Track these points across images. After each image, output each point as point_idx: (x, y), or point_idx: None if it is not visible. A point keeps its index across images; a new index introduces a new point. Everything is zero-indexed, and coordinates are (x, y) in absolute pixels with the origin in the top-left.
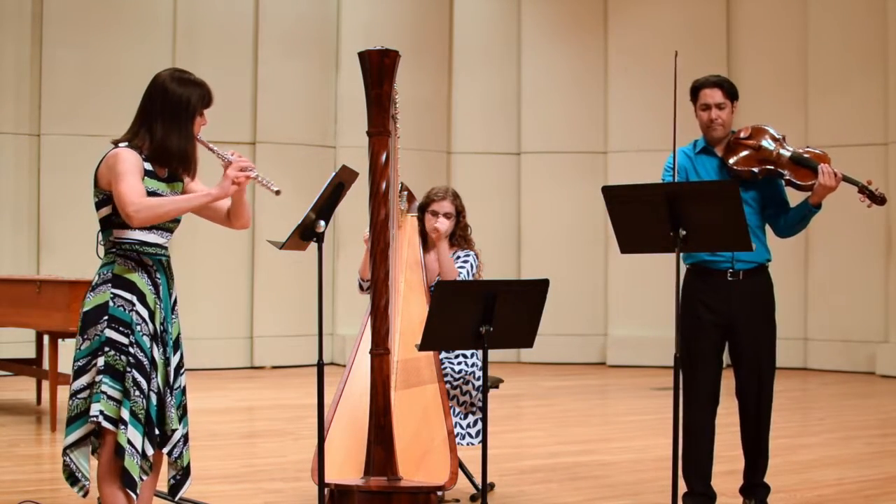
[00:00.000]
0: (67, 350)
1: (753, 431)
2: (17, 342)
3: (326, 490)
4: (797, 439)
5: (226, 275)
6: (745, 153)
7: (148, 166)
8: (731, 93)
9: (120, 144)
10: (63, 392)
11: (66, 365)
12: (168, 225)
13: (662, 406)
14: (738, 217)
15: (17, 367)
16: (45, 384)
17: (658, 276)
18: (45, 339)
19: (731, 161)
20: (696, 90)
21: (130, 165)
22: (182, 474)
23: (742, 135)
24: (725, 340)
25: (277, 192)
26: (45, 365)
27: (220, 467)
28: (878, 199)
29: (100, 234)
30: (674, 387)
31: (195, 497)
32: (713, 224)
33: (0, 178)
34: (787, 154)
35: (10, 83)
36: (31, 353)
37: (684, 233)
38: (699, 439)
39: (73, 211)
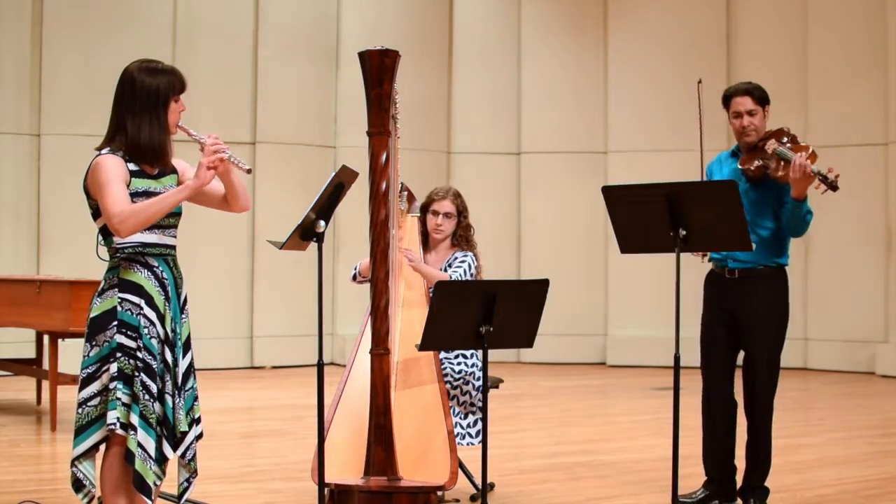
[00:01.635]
0: (67, 350)
1: (749, 432)
2: (17, 342)
3: (326, 490)
4: (797, 439)
5: (226, 275)
6: (753, 154)
7: (133, 167)
8: (761, 98)
9: (102, 151)
10: (63, 392)
11: (66, 365)
12: (168, 221)
13: (662, 406)
14: (738, 217)
15: (17, 367)
16: (45, 384)
17: (658, 276)
18: (45, 339)
19: (741, 165)
20: (727, 99)
21: (110, 173)
22: (192, 476)
23: (763, 137)
24: (736, 336)
25: (248, 171)
26: (45, 365)
27: (220, 467)
28: (832, 186)
29: (100, 238)
30: (674, 387)
31: (195, 497)
32: (713, 224)
33: (0, 178)
34: (777, 149)
35: (10, 83)
36: (31, 353)
37: (684, 233)
38: (708, 432)
39: (73, 211)
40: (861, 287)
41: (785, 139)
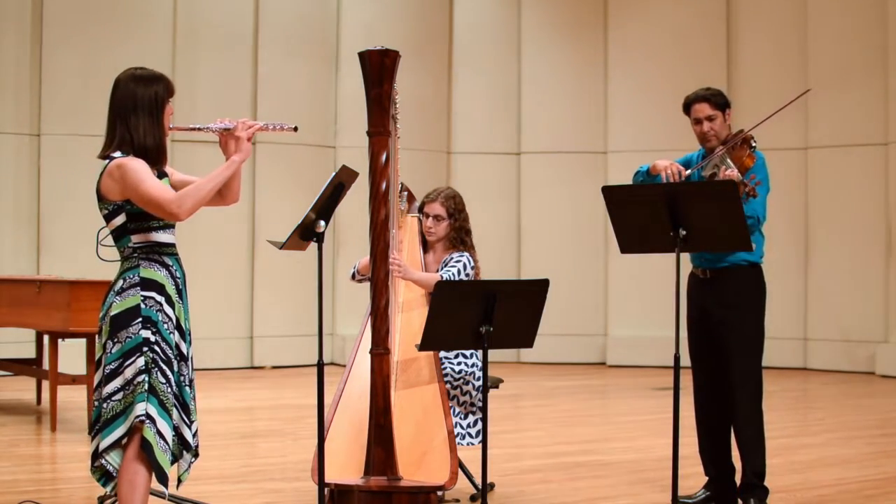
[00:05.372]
0: (67, 350)
1: (734, 428)
2: (17, 342)
3: (326, 490)
4: (797, 439)
5: (226, 275)
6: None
7: None
8: (719, 104)
9: (113, 155)
10: (63, 392)
11: (66, 365)
12: (172, 221)
13: (662, 406)
14: (738, 217)
15: (17, 367)
16: (45, 384)
17: (658, 276)
18: (45, 339)
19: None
20: (687, 106)
21: (142, 173)
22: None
23: (724, 141)
24: (713, 334)
25: (295, 129)
26: (45, 365)
27: (220, 467)
28: (745, 194)
29: (111, 240)
30: (674, 387)
31: (195, 497)
32: (713, 224)
33: (0, 178)
34: (723, 155)
35: (10, 83)
36: (31, 353)
37: (684, 233)
38: (700, 427)
39: (73, 211)
40: (861, 287)
41: (738, 143)
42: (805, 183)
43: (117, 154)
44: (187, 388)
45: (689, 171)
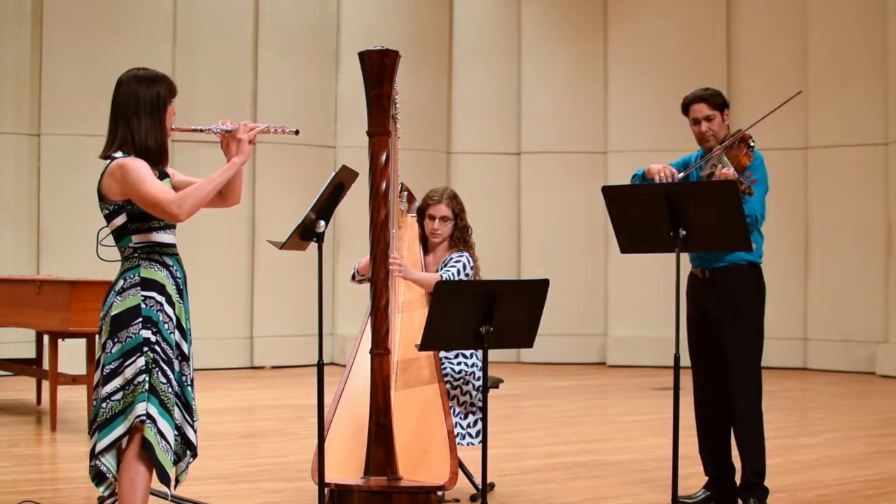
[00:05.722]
0: (67, 350)
1: (733, 428)
2: (17, 342)
3: (326, 490)
4: (797, 439)
5: (226, 275)
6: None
7: None
8: (717, 104)
9: (115, 155)
10: (63, 392)
11: (65, 365)
12: (173, 222)
13: (662, 406)
14: (738, 217)
15: (17, 367)
16: (45, 384)
17: (658, 276)
18: (45, 339)
19: (699, 169)
20: (685, 107)
21: (143, 173)
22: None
23: (722, 140)
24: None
25: (296, 132)
26: (45, 365)
27: (220, 467)
28: (743, 192)
29: (112, 240)
30: (674, 387)
31: (195, 497)
32: (713, 224)
33: (0, 178)
34: (720, 155)
35: (10, 83)
36: (31, 353)
37: (684, 233)
38: (700, 426)
39: (73, 211)
40: (861, 287)
41: (736, 142)
42: (805, 183)
43: (119, 154)
44: (189, 388)
45: (682, 174)
